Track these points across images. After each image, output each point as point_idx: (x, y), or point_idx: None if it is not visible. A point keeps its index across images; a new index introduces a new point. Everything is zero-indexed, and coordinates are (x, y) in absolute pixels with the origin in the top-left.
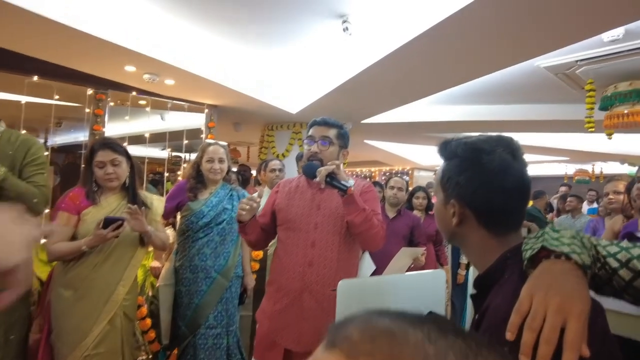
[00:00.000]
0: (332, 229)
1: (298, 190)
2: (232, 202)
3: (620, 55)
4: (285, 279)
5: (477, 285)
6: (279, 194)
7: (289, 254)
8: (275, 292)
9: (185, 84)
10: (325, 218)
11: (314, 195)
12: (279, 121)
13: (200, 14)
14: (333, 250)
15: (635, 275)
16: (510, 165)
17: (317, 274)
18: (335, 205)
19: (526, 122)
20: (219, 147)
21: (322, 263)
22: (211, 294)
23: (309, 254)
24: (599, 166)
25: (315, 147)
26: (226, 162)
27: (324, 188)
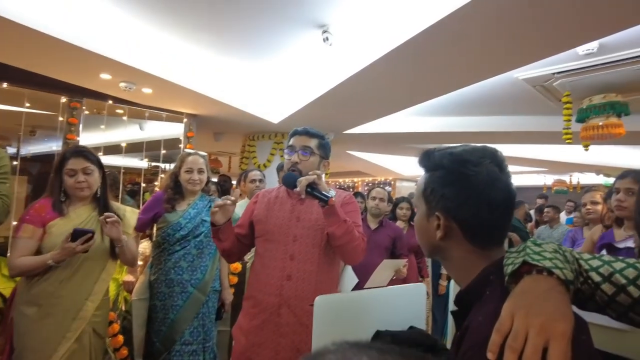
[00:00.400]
0: (311, 242)
1: (277, 201)
2: None
3: (595, 69)
4: (263, 293)
5: (458, 301)
6: (257, 204)
7: (267, 267)
8: (252, 308)
9: (163, 92)
10: (305, 230)
11: (293, 207)
12: (261, 131)
13: (178, 23)
14: (313, 264)
15: (618, 289)
16: (498, 178)
17: (296, 288)
18: (316, 217)
19: (506, 133)
20: (198, 157)
21: (301, 277)
22: (187, 309)
23: (288, 267)
24: (576, 177)
25: (295, 157)
26: (205, 173)
27: (304, 199)
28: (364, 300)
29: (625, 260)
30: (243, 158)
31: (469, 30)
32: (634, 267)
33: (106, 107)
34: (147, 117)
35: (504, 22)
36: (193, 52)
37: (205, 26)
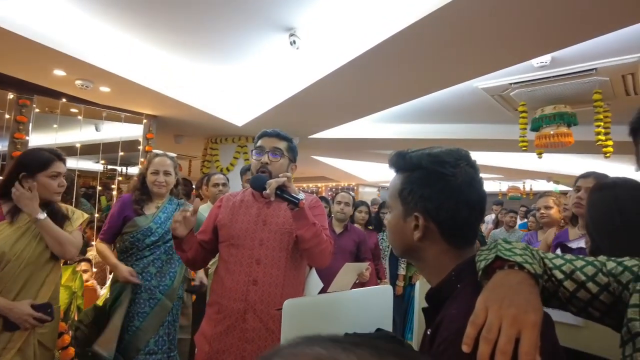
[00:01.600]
0: (278, 246)
1: (243, 205)
2: None
3: (548, 81)
4: (227, 299)
5: (429, 298)
6: (222, 208)
7: (232, 272)
8: (216, 314)
9: (122, 92)
10: (272, 234)
11: (260, 210)
12: (224, 134)
13: (140, 22)
14: (279, 268)
15: (579, 286)
16: (474, 179)
17: (262, 293)
18: (283, 221)
19: (466, 140)
20: (165, 159)
21: (268, 281)
22: (154, 317)
23: (254, 272)
24: (529, 183)
25: (265, 158)
26: (173, 175)
27: (270, 202)
28: (332, 303)
29: (585, 258)
30: (205, 162)
31: (432, 39)
32: (593, 264)
33: (60, 105)
34: (104, 117)
35: (464, 32)
36: (155, 52)
37: (168, 26)
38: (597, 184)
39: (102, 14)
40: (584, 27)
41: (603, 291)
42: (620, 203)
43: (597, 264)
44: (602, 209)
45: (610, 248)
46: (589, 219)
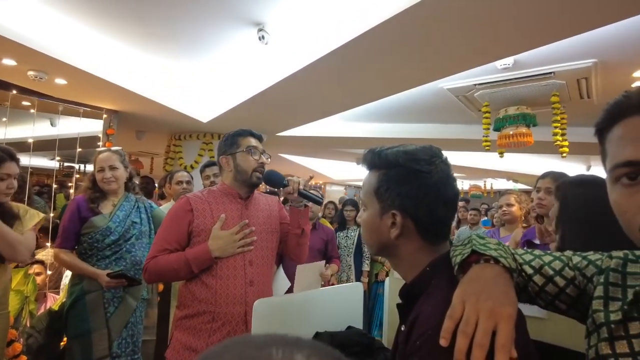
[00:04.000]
0: (265, 245)
1: (221, 207)
2: (140, 214)
3: (511, 82)
4: (225, 305)
5: (403, 294)
6: (195, 213)
7: (226, 277)
8: (209, 323)
9: (79, 85)
10: (257, 234)
11: (241, 212)
12: (188, 130)
13: (99, 12)
14: (269, 266)
15: (547, 280)
16: (449, 176)
17: (259, 293)
18: (263, 221)
19: (431, 140)
20: (110, 154)
21: (261, 280)
22: (118, 317)
23: (249, 274)
24: (489, 182)
25: (263, 159)
26: (121, 169)
27: (248, 202)
28: (303, 302)
29: (552, 253)
30: (168, 159)
31: (399, 40)
32: (560, 259)
33: (10, 97)
34: (61, 111)
35: (431, 34)
36: (115, 44)
37: (130, 17)
38: (577, 179)
39: (57, 1)
40: (545, 32)
41: (569, 285)
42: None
43: (564, 259)
44: (579, 204)
45: (583, 240)
46: (565, 212)
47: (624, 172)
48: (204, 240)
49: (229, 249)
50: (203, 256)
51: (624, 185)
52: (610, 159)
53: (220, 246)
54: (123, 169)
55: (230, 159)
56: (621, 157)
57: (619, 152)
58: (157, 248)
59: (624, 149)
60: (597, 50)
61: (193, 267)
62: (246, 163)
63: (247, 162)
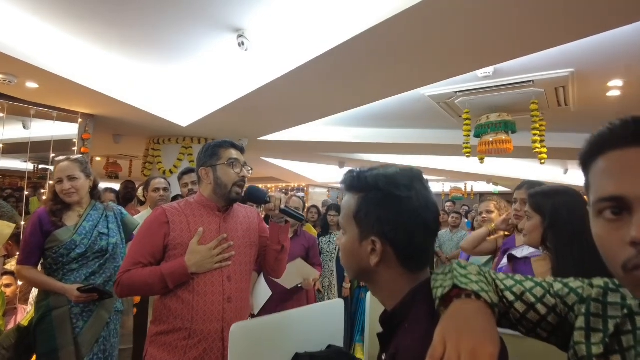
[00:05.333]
0: (243, 259)
1: (198, 220)
2: (108, 224)
3: (491, 90)
4: (201, 322)
5: (383, 322)
6: (171, 225)
7: (203, 293)
8: (185, 340)
9: (52, 89)
10: (236, 248)
11: (220, 225)
12: (167, 134)
13: (71, 15)
14: (247, 281)
15: (529, 307)
16: (429, 200)
17: (237, 309)
18: (242, 234)
19: (413, 145)
20: (68, 164)
21: (240, 296)
22: (89, 331)
23: (227, 289)
24: (470, 185)
25: (245, 172)
26: (82, 179)
27: (227, 215)
28: (281, 322)
29: (533, 279)
30: (146, 163)
31: (382, 49)
32: (541, 285)
33: None
34: (33, 115)
35: (413, 43)
36: (91, 49)
37: (105, 21)
38: (561, 187)
39: (27, 4)
40: (525, 43)
41: (551, 313)
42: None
43: (545, 285)
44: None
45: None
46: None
47: (607, 206)
48: (180, 255)
49: (206, 265)
50: (179, 271)
51: (608, 219)
52: (593, 192)
53: (197, 261)
54: (85, 178)
55: (210, 170)
56: (605, 191)
57: (602, 186)
58: (130, 261)
59: (607, 183)
60: (575, 60)
61: (169, 282)
62: (227, 176)
63: (227, 176)
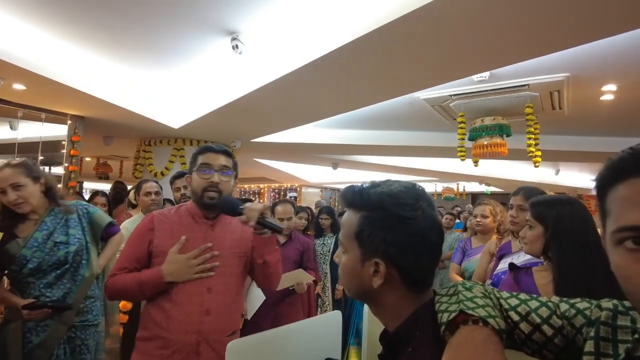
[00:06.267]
0: (229, 271)
1: (183, 227)
2: (68, 229)
3: (486, 93)
4: (177, 332)
5: (386, 343)
6: (156, 232)
7: (179, 303)
8: (161, 349)
9: (40, 90)
10: (221, 259)
11: (205, 234)
12: (158, 136)
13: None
14: (232, 294)
15: (534, 328)
16: (435, 220)
17: (216, 322)
18: (230, 245)
19: (407, 147)
20: (9, 171)
21: (221, 309)
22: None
23: (206, 302)
24: (462, 185)
25: (216, 178)
26: (30, 186)
27: (214, 224)
28: (279, 337)
29: (538, 298)
30: (137, 165)
31: (377, 54)
32: (547, 305)
33: None
34: (20, 116)
35: (408, 48)
36: (80, 52)
37: (96, 25)
38: (563, 197)
39: (13, 6)
40: (521, 49)
41: (557, 334)
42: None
43: (551, 306)
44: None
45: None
46: (557, 230)
47: (630, 236)
48: (163, 262)
49: (184, 275)
50: (155, 280)
51: (629, 249)
52: (613, 220)
53: (173, 271)
54: (32, 183)
55: (190, 177)
56: (627, 220)
57: (624, 215)
58: (118, 266)
59: (630, 212)
60: (570, 65)
61: (145, 289)
62: (196, 182)
63: (197, 182)
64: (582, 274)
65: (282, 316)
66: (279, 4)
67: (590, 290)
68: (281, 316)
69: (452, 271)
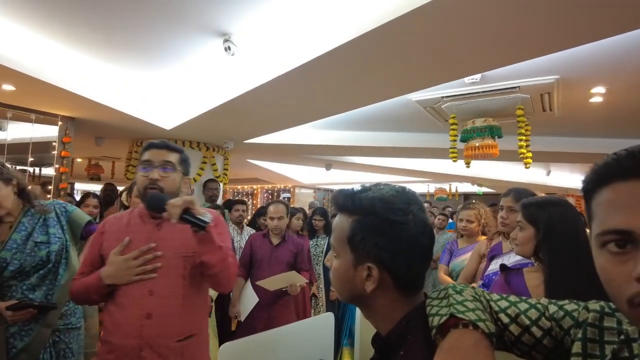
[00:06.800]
0: (174, 273)
1: (130, 229)
2: (48, 229)
3: (477, 95)
4: (119, 336)
5: (378, 347)
6: (105, 235)
7: (122, 306)
8: (108, 353)
9: (30, 91)
10: (166, 260)
11: (150, 234)
12: (151, 137)
13: (52, 19)
14: (177, 297)
15: (524, 330)
16: (427, 224)
17: (159, 326)
18: (178, 244)
19: (399, 148)
20: None
21: (164, 313)
22: (26, 351)
23: (147, 305)
24: (454, 186)
25: (155, 174)
26: (2, 189)
27: (161, 223)
28: (271, 340)
29: (528, 300)
30: (129, 166)
31: (370, 56)
32: (536, 307)
33: None
34: (10, 117)
35: (401, 51)
36: (70, 52)
37: (87, 25)
38: (554, 198)
39: (2, 6)
40: (513, 52)
41: (546, 336)
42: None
43: (540, 307)
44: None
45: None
46: (549, 232)
47: (613, 239)
48: None
49: (123, 276)
50: (96, 283)
51: (612, 252)
52: (597, 224)
53: (111, 273)
54: (4, 186)
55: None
56: (610, 224)
57: (608, 218)
58: (79, 270)
59: (613, 216)
60: (560, 68)
61: (92, 293)
62: (139, 181)
63: (139, 180)
64: (573, 276)
65: (276, 318)
66: (271, 6)
67: (581, 291)
68: (274, 318)
69: (441, 271)
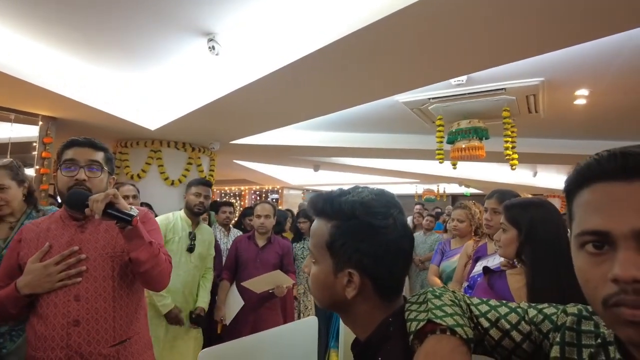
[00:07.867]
0: (101, 275)
1: (50, 234)
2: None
3: (463, 97)
4: (43, 349)
5: (356, 353)
6: (23, 243)
7: (44, 317)
8: None
9: (9, 90)
10: (91, 262)
11: (72, 237)
12: (135, 137)
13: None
14: (107, 300)
15: (503, 334)
16: (406, 227)
17: (88, 333)
18: (103, 244)
19: (386, 150)
20: None
21: (93, 318)
22: (16, 353)
23: (73, 312)
24: (442, 187)
25: (81, 174)
26: (13, 188)
27: (85, 224)
28: (253, 346)
29: (508, 304)
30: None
31: (355, 57)
32: (516, 311)
33: None
34: None
35: (388, 51)
36: (50, 51)
37: (68, 24)
38: (536, 200)
39: None
40: (498, 54)
41: (525, 340)
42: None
43: (520, 312)
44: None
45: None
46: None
47: (590, 240)
48: None
49: (43, 284)
50: (12, 294)
51: (590, 253)
52: (577, 224)
53: (29, 281)
54: (16, 186)
55: (56, 176)
56: (589, 225)
57: (586, 219)
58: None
59: (591, 217)
60: (545, 70)
61: (8, 307)
62: (61, 181)
63: (62, 180)
64: (555, 278)
65: (262, 321)
66: (256, 5)
67: (563, 294)
68: (261, 321)
69: (431, 273)
